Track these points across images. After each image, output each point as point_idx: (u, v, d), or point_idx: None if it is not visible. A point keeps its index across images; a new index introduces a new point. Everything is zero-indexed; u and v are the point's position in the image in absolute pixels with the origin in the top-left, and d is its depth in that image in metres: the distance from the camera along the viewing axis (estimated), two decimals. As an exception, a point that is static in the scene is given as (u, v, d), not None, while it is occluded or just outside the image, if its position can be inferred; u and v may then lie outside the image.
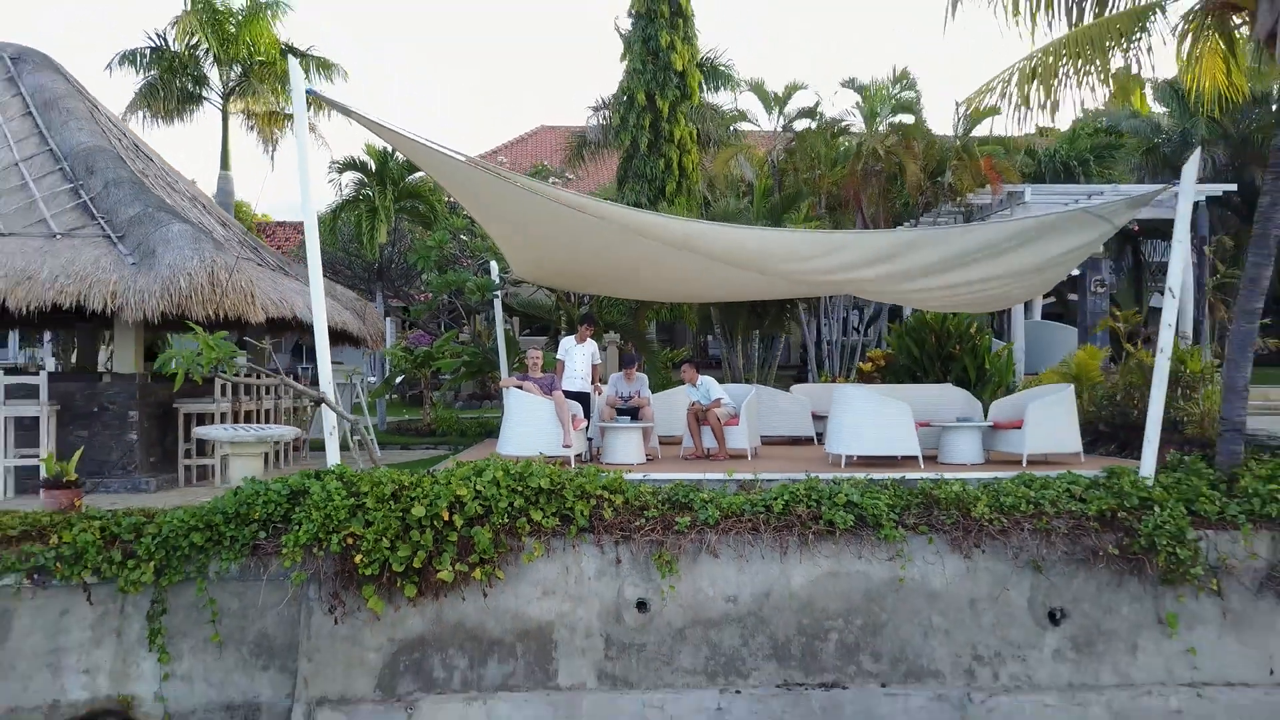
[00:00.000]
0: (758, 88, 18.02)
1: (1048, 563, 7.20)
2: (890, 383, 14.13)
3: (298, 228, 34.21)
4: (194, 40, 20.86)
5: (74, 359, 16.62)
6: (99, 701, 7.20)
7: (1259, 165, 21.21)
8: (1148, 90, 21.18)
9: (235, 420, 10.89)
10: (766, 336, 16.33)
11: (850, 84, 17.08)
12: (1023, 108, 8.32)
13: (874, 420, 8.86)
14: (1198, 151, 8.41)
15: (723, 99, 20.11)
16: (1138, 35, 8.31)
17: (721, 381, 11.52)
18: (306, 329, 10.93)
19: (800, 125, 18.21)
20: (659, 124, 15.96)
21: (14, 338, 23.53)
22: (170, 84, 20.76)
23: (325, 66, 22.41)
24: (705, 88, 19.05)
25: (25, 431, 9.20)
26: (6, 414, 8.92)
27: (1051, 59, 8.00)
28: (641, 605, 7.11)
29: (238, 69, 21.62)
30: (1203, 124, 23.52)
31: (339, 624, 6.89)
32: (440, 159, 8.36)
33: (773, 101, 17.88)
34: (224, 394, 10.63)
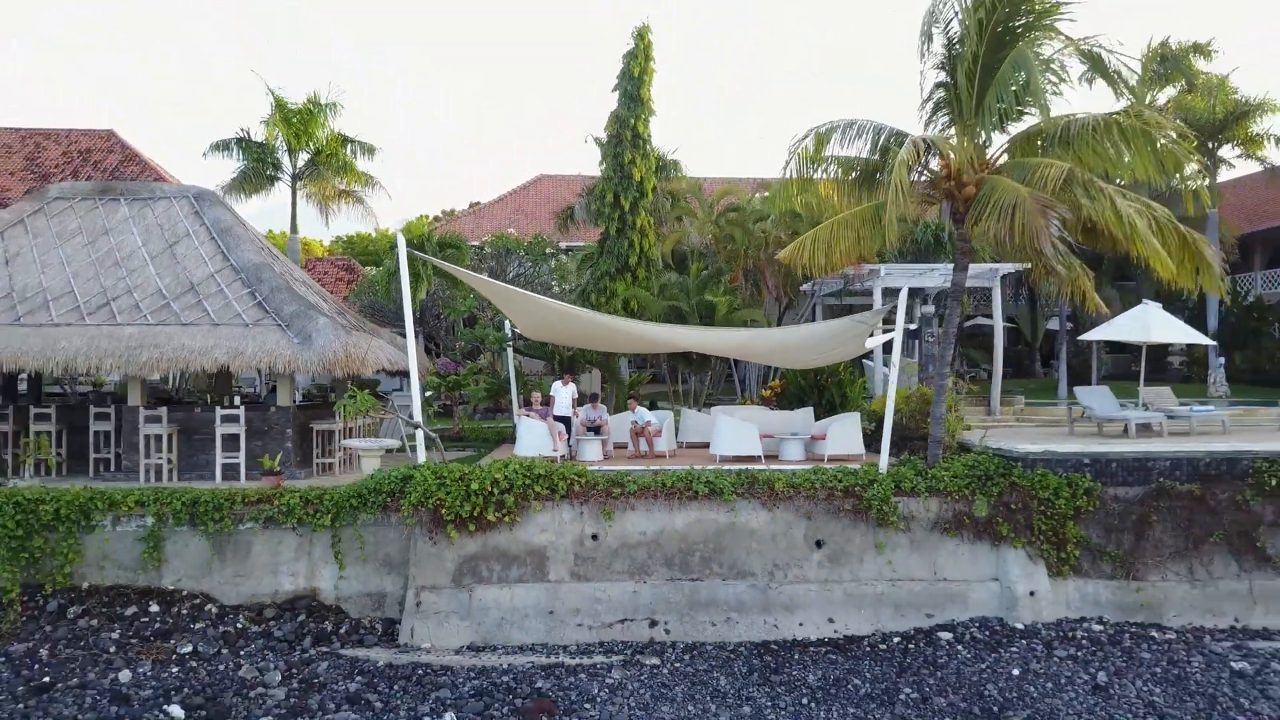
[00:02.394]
0: (696, 192, 23.63)
1: (815, 514, 12.80)
2: (784, 406, 19.69)
3: (334, 261, 39.81)
4: (274, 135, 26.42)
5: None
6: (299, 591, 12.80)
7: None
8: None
9: (345, 435, 16.46)
10: (698, 370, 21.96)
11: (763, 185, 22.60)
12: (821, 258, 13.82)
13: (734, 434, 14.46)
14: (902, 295, 13.99)
15: (682, 180, 25.64)
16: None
17: (668, 400, 17.12)
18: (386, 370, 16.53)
19: (731, 208, 23.83)
20: (624, 216, 21.47)
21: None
22: (259, 171, 26.29)
23: (369, 151, 28.04)
24: (666, 174, 24.58)
25: (229, 441, 14.72)
26: (222, 431, 14.46)
27: (831, 232, 13.49)
28: (594, 537, 12.69)
29: (304, 156, 27.16)
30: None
31: (432, 547, 12.47)
32: (480, 283, 13.98)
33: (707, 205, 23.51)
34: (336, 417, 16.19)
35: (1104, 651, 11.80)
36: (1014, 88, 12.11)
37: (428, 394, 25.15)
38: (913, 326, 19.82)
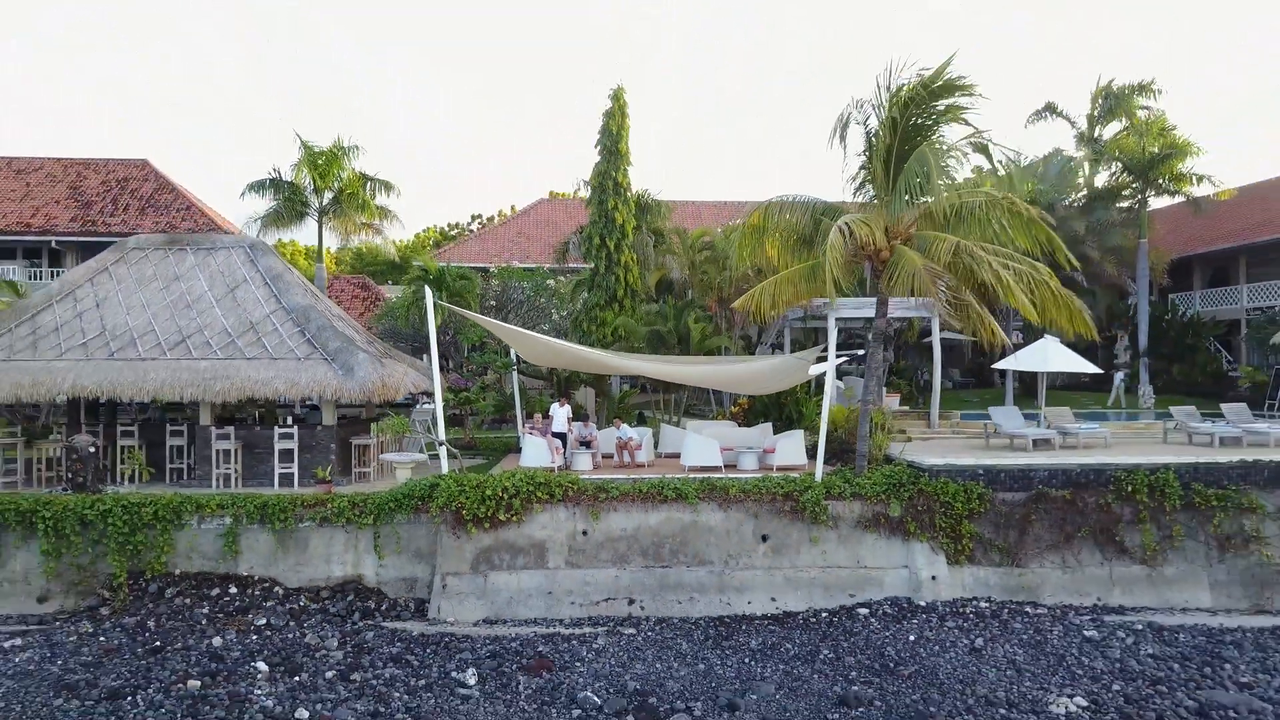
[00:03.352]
0: (680, 234, 26.61)
1: (761, 514, 15.73)
2: (750, 420, 22.64)
3: (350, 280, 42.64)
4: (303, 176, 29.34)
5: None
6: (347, 576, 15.72)
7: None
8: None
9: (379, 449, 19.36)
10: (679, 388, 24.89)
11: (731, 228, 25.52)
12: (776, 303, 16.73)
13: (700, 449, 17.37)
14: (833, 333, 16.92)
15: (666, 218, 28.60)
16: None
17: (654, 410, 19.97)
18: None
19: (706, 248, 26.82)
20: (610, 254, 24.39)
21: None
22: (291, 209, 29.21)
23: (386, 188, 30.96)
24: (649, 215, 27.53)
25: (284, 454, 17.63)
26: (279, 446, 17.37)
27: (775, 287, 16.39)
28: (584, 532, 15.61)
29: (329, 195, 30.06)
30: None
31: (454, 540, 15.39)
32: (489, 324, 16.91)
33: (686, 244, 26.50)
34: (371, 434, 19.09)
35: (985, 623, 14.73)
36: (918, 179, 15.00)
37: (427, 404, 28.15)
38: (860, 352, 22.73)
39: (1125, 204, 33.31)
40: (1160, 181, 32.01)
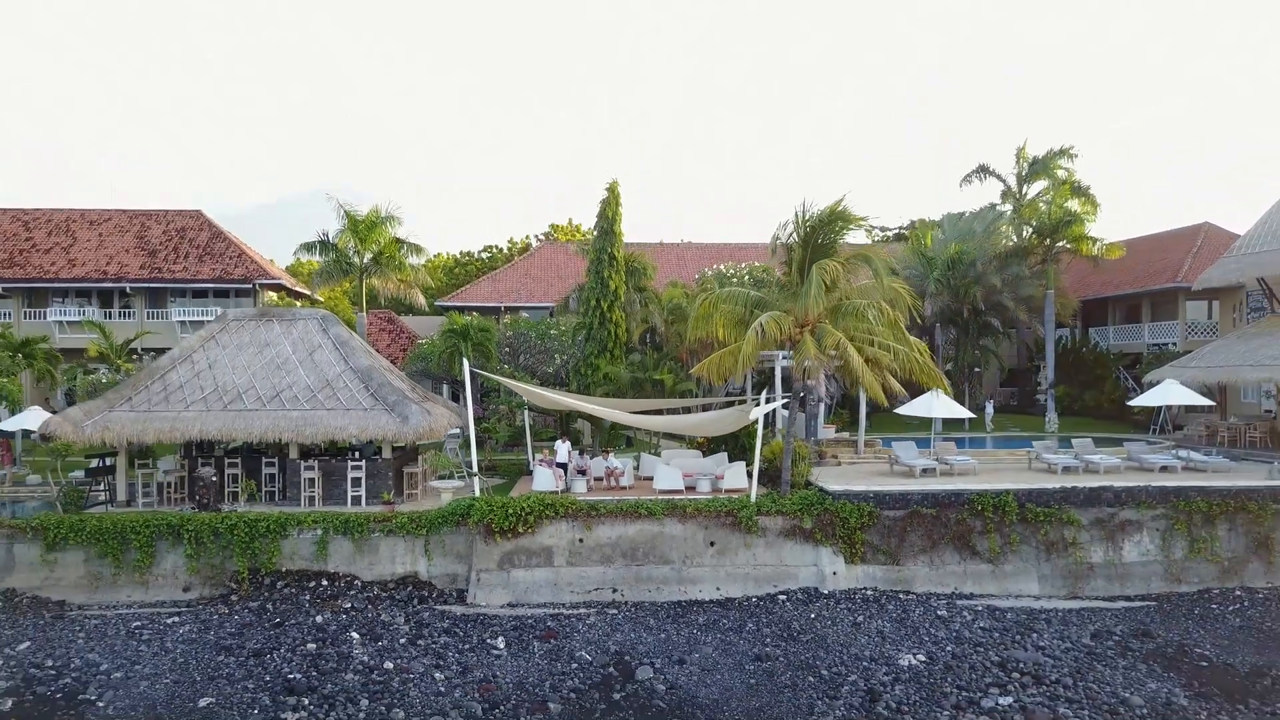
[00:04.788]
0: (658, 302, 31.96)
1: (710, 525, 20.95)
2: (714, 448, 27.82)
3: (378, 314, 47.74)
4: (348, 241, 34.57)
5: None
6: (407, 573, 20.91)
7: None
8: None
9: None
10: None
11: (695, 295, 30.83)
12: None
13: (666, 476, 22.54)
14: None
15: (650, 280, 33.91)
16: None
17: (634, 433, 25.18)
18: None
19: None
20: (604, 313, 29.60)
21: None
22: (337, 268, 34.43)
23: (417, 251, 36.17)
24: (637, 278, 32.79)
25: (355, 481, 22.80)
26: (351, 475, 22.56)
27: (719, 360, 21.61)
28: (580, 540, 20.83)
29: (369, 256, 35.26)
30: (933, 282, 37.62)
31: (485, 546, 20.62)
32: (505, 382, 22.18)
33: (663, 304, 31.81)
34: (419, 463, 24.26)
35: (868, 606, 19.96)
36: (815, 286, 20.18)
37: (455, 431, 33.34)
38: (802, 395, 27.91)
39: (1035, 261, 38.57)
40: (1063, 243, 37.31)
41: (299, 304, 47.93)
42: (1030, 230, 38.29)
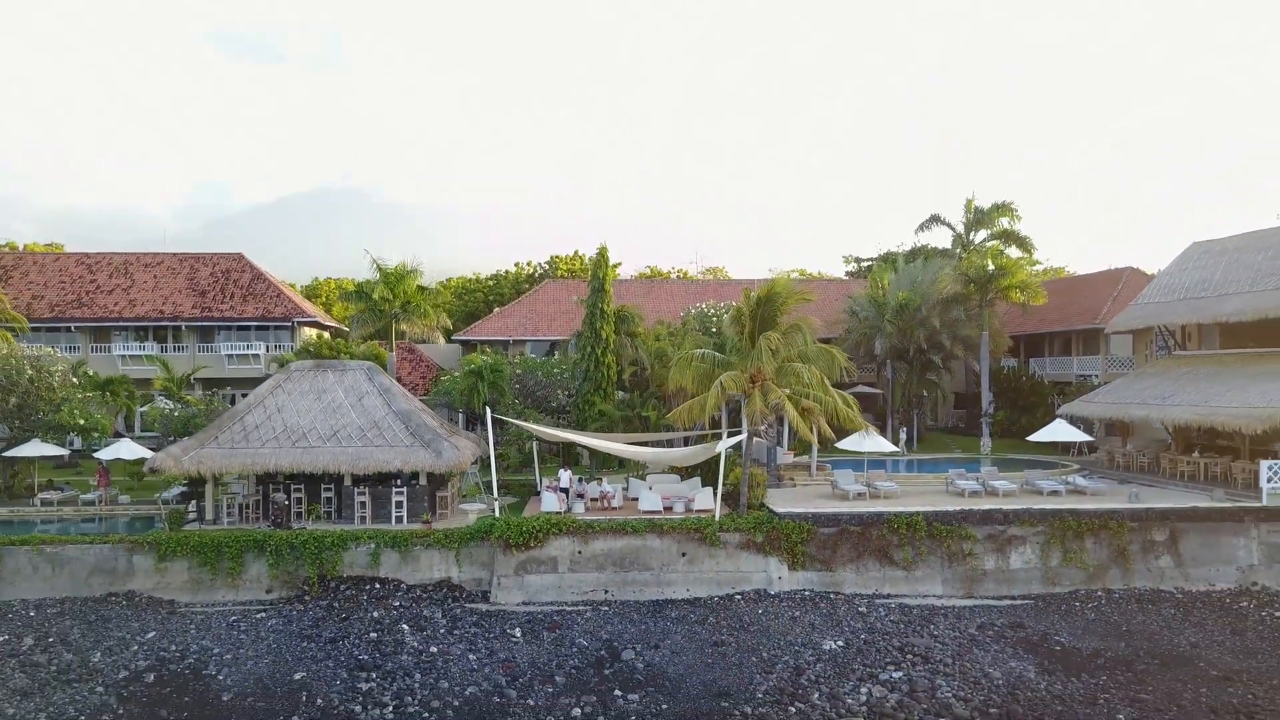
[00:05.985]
0: (646, 346, 36.96)
1: (682, 540, 25.81)
2: (690, 474, 32.66)
3: (400, 345, 52.62)
4: (381, 292, 39.53)
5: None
6: (442, 578, 25.75)
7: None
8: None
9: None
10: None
11: (676, 342, 35.73)
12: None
13: (648, 499, 27.36)
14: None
15: (638, 326, 38.86)
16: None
17: (626, 465, 30.12)
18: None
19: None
20: (598, 358, 34.50)
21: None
22: (371, 314, 39.37)
23: (440, 297, 41.17)
24: (626, 322, 37.75)
25: (398, 504, 27.62)
26: (395, 498, 27.40)
27: (690, 409, 26.47)
28: (579, 551, 25.71)
29: (399, 305, 40.19)
30: (886, 323, 42.59)
31: (504, 556, 25.50)
32: (515, 423, 27.12)
33: (649, 348, 36.83)
34: (449, 488, 29.11)
35: (805, 604, 24.79)
36: (762, 355, 25.02)
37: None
38: (763, 427, 32.86)
39: (973, 306, 43.52)
40: (994, 292, 42.29)
41: (325, 334, 52.64)
42: (969, 280, 43.24)
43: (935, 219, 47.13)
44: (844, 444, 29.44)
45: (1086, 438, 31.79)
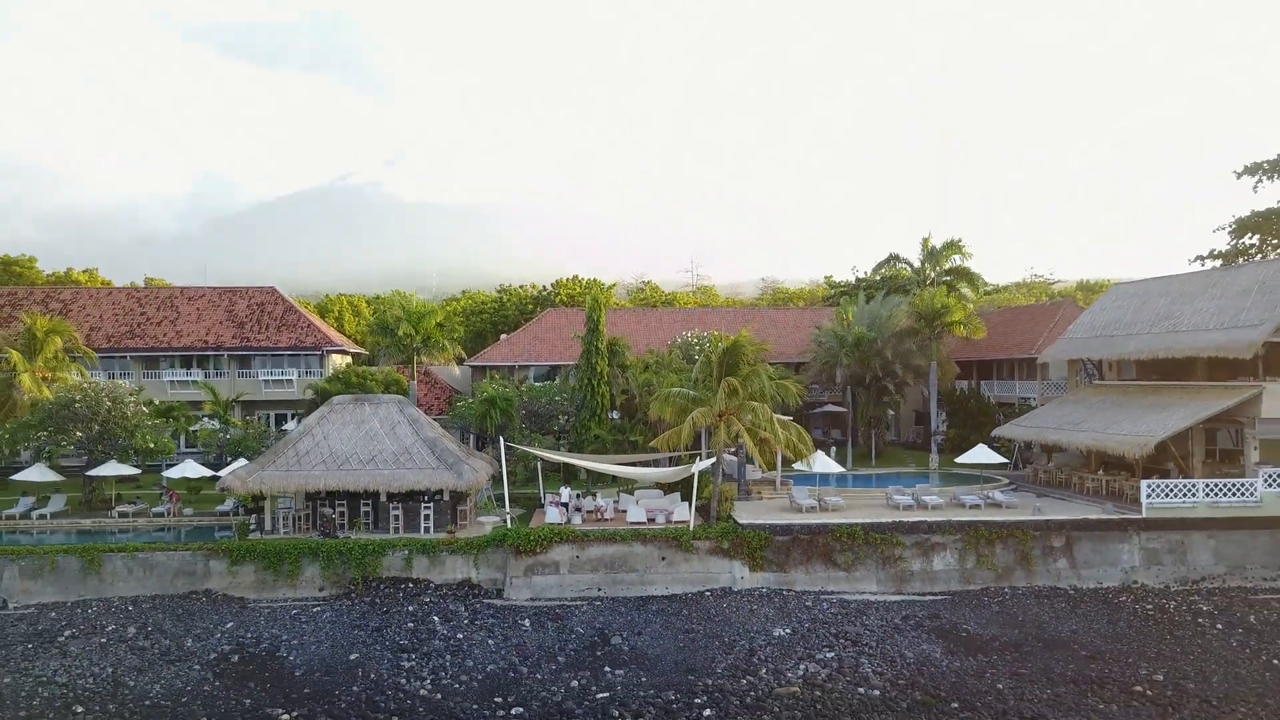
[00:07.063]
0: (635, 377, 41.72)
1: (661, 545, 30.57)
2: (673, 489, 37.42)
3: (417, 368, 57.33)
4: (405, 329, 44.30)
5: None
6: (464, 578, 30.50)
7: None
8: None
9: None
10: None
11: (662, 369, 40.47)
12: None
13: (634, 511, 32.09)
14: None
15: (629, 357, 43.63)
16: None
17: (617, 481, 34.93)
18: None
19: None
20: (594, 388, 39.26)
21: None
22: (395, 349, 44.12)
23: (455, 333, 45.94)
24: (618, 354, 42.55)
25: (426, 516, 32.32)
26: (423, 512, 32.11)
27: (669, 437, 31.23)
28: (577, 556, 30.47)
29: (420, 340, 44.95)
30: (844, 354, 47.46)
31: (515, 560, 30.26)
32: (524, 450, 31.95)
33: (637, 378, 41.59)
34: (468, 502, 33.82)
35: (763, 599, 29.52)
36: (724, 396, 29.77)
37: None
38: (730, 450, 37.66)
39: (924, 338, 48.39)
40: (941, 327, 47.20)
41: (348, 360, 57.24)
42: (919, 316, 48.16)
43: (894, 258, 52.05)
44: (799, 465, 34.25)
45: (1003, 460, 36.58)
